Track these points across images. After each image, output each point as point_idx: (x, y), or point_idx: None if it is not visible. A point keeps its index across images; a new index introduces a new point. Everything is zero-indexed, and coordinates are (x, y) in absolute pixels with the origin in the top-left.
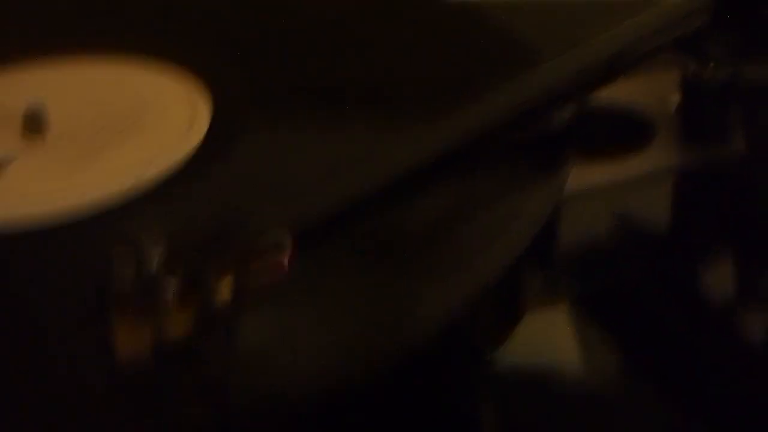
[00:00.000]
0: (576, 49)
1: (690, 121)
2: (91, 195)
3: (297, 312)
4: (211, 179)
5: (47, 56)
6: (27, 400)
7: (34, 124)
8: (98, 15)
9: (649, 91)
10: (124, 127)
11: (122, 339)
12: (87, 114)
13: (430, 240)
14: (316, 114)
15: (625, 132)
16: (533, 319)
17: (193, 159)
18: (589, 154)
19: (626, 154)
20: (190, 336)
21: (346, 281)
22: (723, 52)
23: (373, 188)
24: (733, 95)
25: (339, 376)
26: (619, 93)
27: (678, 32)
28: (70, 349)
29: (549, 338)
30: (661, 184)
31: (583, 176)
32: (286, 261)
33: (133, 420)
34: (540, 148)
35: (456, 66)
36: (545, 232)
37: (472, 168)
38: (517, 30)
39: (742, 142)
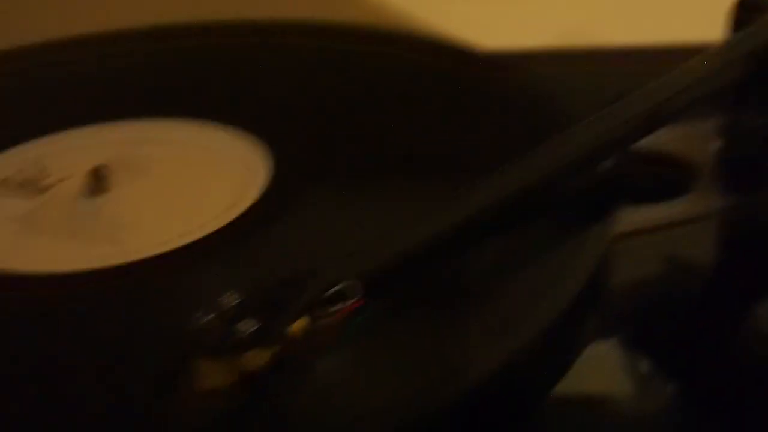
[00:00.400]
0: (620, 102)
1: (732, 167)
2: (156, 249)
3: (362, 357)
4: (279, 234)
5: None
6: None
7: (97, 183)
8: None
9: (690, 139)
10: (192, 181)
11: (203, 377)
12: (152, 171)
13: (486, 291)
14: (374, 178)
15: (669, 177)
16: (586, 361)
17: (261, 216)
18: (634, 199)
19: (670, 199)
20: (267, 374)
21: (408, 330)
22: (763, 99)
23: (431, 243)
24: None
25: (399, 420)
26: (659, 140)
27: (722, 82)
28: (150, 391)
29: (602, 380)
30: (706, 227)
31: (629, 221)
32: (354, 307)
33: None
34: (586, 197)
35: (504, 126)
36: (596, 276)
37: (524, 221)
38: (561, 84)
39: None
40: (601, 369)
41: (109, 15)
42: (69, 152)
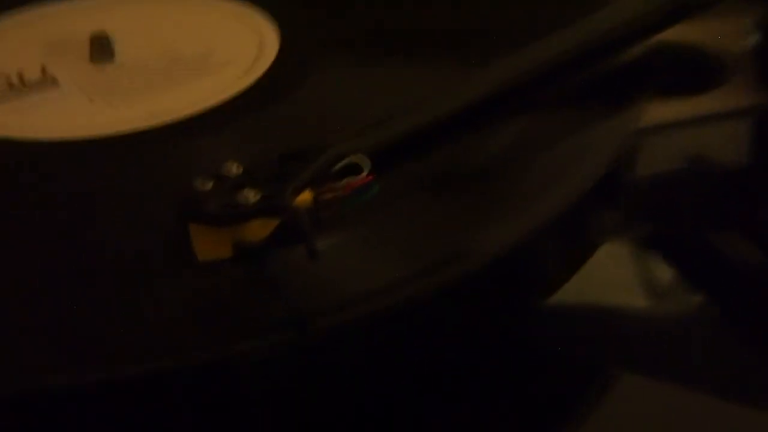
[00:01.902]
0: None
1: (765, 62)
2: (165, 117)
3: (368, 230)
4: (283, 109)
5: None
6: (106, 298)
7: (101, 50)
8: None
9: (726, 33)
10: (193, 56)
11: (202, 244)
12: (157, 45)
13: (500, 171)
14: (385, 53)
15: (699, 71)
16: (600, 258)
17: (267, 87)
18: (663, 92)
19: (699, 93)
20: (267, 246)
21: (415, 205)
22: None
23: (444, 118)
24: None
25: (399, 300)
26: (694, 34)
27: None
28: (151, 253)
29: (614, 278)
30: (734, 124)
31: (656, 114)
32: (361, 182)
33: (213, 315)
34: (613, 84)
35: (523, 4)
36: (616, 169)
37: (544, 102)
38: None
39: None
40: (616, 273)
41: None
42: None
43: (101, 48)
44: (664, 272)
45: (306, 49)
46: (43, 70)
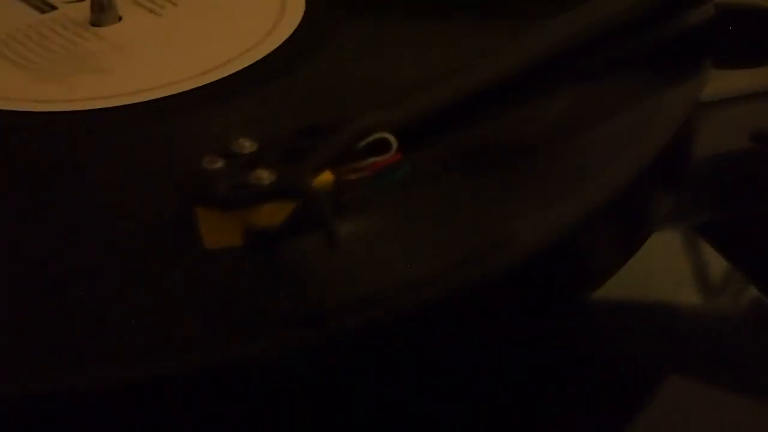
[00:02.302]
0: None
1: None
2: (163, 89)
3: (396, 216)
4: (303, 79)
5: None
6: (106, 283)
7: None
8: None
9: None
10: (206, 17)
11: (209, 229)
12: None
13: (546, 147)
14: (415, 13)
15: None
16: (654, 244)
17: (285, 53)
18: (729, 60)
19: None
20: (282, 233)
21: (449, 188)
22: None
23: (484, 88)
24: None
25: (432, 287)
26: None
27: None
28: (155, 232)
29: (669, 267)
30: None
31: (719, 86)
32: (389, 162)
33: (219, 311)
34: (671, 51)
35: None
36: (676, 145)
37: (595, 70)
38: None
39: None
40: (666, 264)
41: None
42: None
43: (102, 9)
44: (719, 264)
45: (332, 13)
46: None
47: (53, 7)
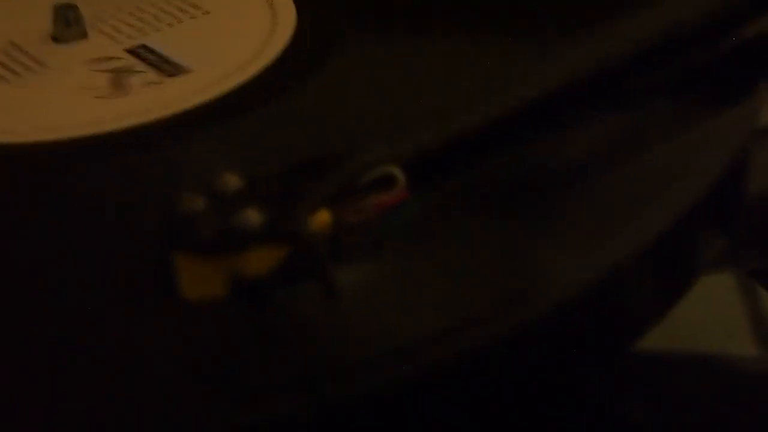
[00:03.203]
0: None
1: None
2: (159, 110)
3: (403, 264)
4: (297, 104)
5: None
6: (86, 335)
7: (68, 25)
8: None
9: None
10: (192, 33)
11: (189, 279)
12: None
13: (579, 184)
14: (425, 30)
15: None
16: (702, 292)
17: (275, 73)
18: None
19: None
20: (272, 282)
21: (465, 231)
22: None
23: (505, 116)
24: None
25: (444, 343)
26: None
27: None
28: (127, 282)
29: (719, 317)
30: None
31: None
32: (395, 200)
33: (201, 373)
34: (725, 71)
35: None
36: (727, 179)
37: (633, 98)
38: None
39: None
40: (717, 312)
41: None
42: None
43: (68, 24)
44: None
45: (329, 32)
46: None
47: None
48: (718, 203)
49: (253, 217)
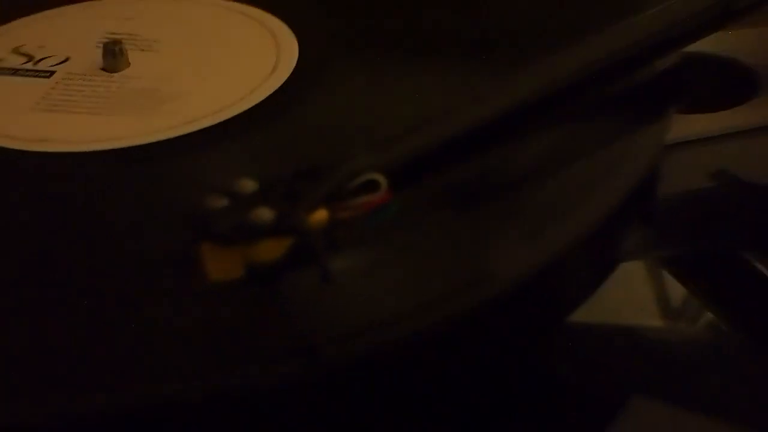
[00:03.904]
0: None
1: None
2: (177, 129)
3: (386, 252)
4: (302, 118)
5: None
6: (116, 317)
7: (114, 57)
8: None
9: (757, 42)
10: (213, 63)
11: (212, 263)
12: (178, 49)
13: (525, 188)
14: (404, 61)
15: (730, 83)
16: (621, 274)
17: (282, 99)
18: (692, 104)
19: (731, 107)
20: (280, 267)
21: (436, 225)
22: None
23: (466, 131)
24: None
25: (418, 320)
26: (726, 45)
27: None
28: (160, 271)
29: (634, 295)
30: (764, 141)
31: (685, 127)
32: (379, 201)
33: (219, 339)
34: (642, 96)
35: (550, 8)
36: (643, 185)
37: (569, 115)
38: None
39: None
40: (632, 291)
41: None
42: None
43: (113, 56)
44: (678, 292)
45: (325, 60)
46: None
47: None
48: (636, 204)
49: (264, 214)
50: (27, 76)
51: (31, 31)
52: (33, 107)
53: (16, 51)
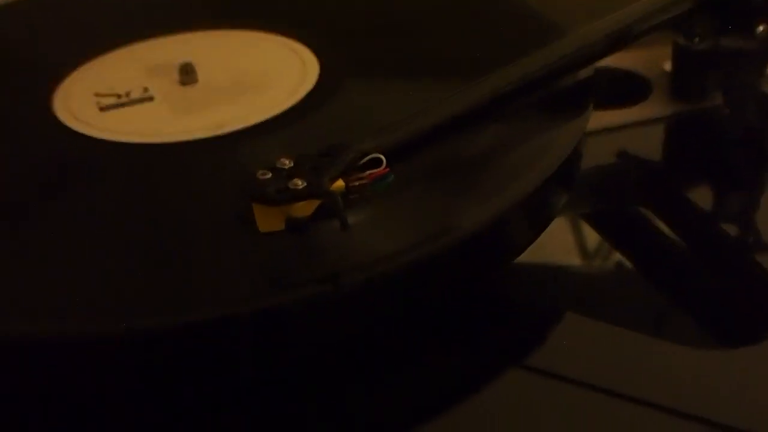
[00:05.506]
0: (595, 23)
1: (679, 81)
2: (230, 126)
3: (385, 209)
4: (322, 118)
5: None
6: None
7: (188, 74)
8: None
9: (649, 59)
10: (255, 78)
11: (262, 218)
12: (228, 70)
13: (481, 164)
14: (397, 76)
15: (629, 88)
16: (552, 226)
17: (308, 104)
18: (603, 104)
19: (630, 105)
20: (311, 220)
21: (418, 191)
22: (705, 28)
23: (440, 124)
24: (713, 62)
25: (406, 257)
26: (625, 60)
27: (673, 13)
28: (218, 227)
29: (562, 241)
30: (655, 128)
31: (599, 121)
32: (381, 173)
33: (268, 272)
34: (567, 97)
35: (498, 41)
36: (570, 161)
37: (514, 111)
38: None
39: (720, 98)
40: (561, 238)
41: None
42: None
43: (187, 73)
44: (594, 239)
45: (340, 76)
46: (145, 89)
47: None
48: (563, 175)
49: (298, 183)
50: (135, 104)
51: (95, 78)
52: (174, 113)
53: (99, 95)
